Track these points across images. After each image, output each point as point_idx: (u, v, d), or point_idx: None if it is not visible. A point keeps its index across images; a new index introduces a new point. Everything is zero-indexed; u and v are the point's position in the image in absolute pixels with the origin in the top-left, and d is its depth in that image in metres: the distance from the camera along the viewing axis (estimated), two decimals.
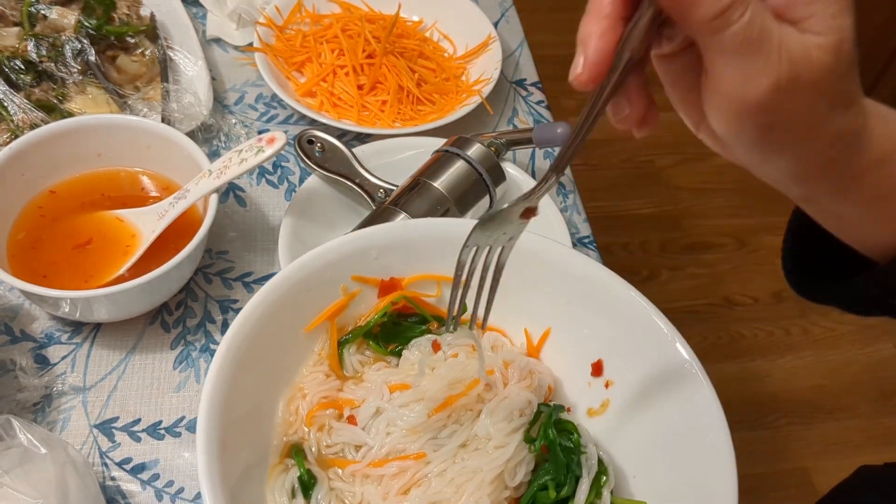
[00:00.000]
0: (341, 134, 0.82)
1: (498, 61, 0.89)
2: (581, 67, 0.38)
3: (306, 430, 0.56)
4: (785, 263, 0.55)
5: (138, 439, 0.62)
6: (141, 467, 0.61)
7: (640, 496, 0.55)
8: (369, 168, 0.74)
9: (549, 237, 0.72)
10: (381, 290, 0.61)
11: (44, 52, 0.76)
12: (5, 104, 0.73)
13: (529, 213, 0.46)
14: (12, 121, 0.73)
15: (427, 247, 0.61)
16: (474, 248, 0.47)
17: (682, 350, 0.55)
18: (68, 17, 0.80)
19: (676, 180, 2.11)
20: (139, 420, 0.63)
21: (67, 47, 0.77)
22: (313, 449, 0.56)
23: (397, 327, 0.62)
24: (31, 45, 0.76)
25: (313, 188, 0.74)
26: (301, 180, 0.81)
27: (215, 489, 0.46)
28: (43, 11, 0.79)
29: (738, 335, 1.79)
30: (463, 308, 0.52)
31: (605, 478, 0.55)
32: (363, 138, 0.83)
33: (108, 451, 0.61)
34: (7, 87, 0.74)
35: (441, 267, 0.61)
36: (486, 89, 0.86)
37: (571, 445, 0.56)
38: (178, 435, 0.63)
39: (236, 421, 0.50)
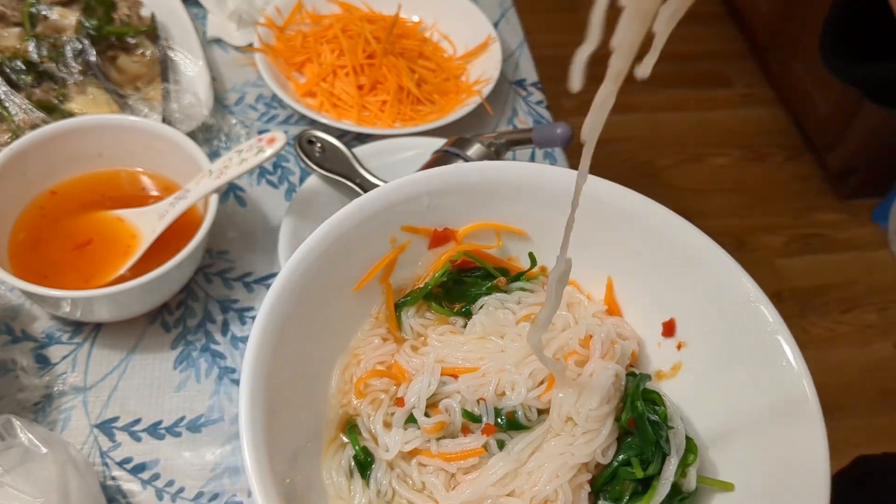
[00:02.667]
0: (341, 134, 0.83)
1: (498, 61, 0.89)
2: None
3: (357, 402, 0.53)
4: (826, 36, 0.52)
5: (139, 439, 0.62)
6: (141, 467, 0.61)
7: (717, 471, 0.51)
8: (369, 168, 0.74)
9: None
10: (433, 240, 0.57)
11: (44, 53, 0.76)
12: (6, 105, 0.73)
13: None
14: (13, 121, 0.73)
15: (484, 193, 0.55)
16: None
17: (768, 313, 0.50)
18: (69, 18, 0.80)
19: (676, 180, 2.11)
20: (140, 420, 0.63)
21: (68, 48, 0.77)
22: (367, 426, 0.52)
23: (460, 285, 0.57)
24: (31, 46, 0.76)
25: (313, 188, 0.74)
26: (301, 180, 0.81)
27: (261, 465, 0.41)
28: (44, 12, 0.79)
29: None
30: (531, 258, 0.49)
31: (692, 456, 0.50)
32: (363, 138, 0.83)
33: (108, 451, 0.61)
34: (8, 88, 0.74)
35: (500, 214, 0.56)
36: (486, 89, 0.86)
37: (658, 419, 0.51)
38: (179, 435, 0.63)
39: (284, 387, 0.46)
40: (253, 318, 0.70)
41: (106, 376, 0.65)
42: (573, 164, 0.87)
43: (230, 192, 0.79)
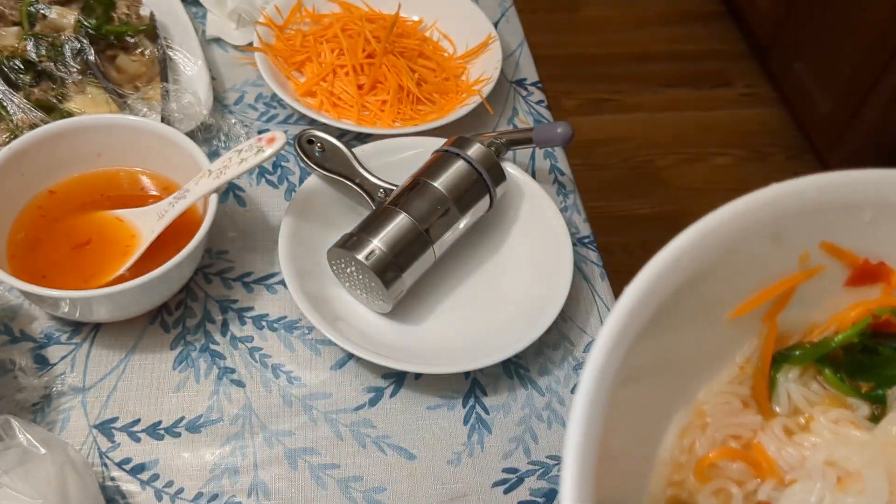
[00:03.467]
0: (341, 134, 0.82)
1: (498, 61, 0.89)
2: None
3: (695, 485, 0.38)
4: None
5: (138, 439, 0.62)
6: (140, 467, 0.61)
7: None
8: (369, 168, 0.74)
9: (549, 237, 0.72)
10: (854, 274, 0.40)
11: (43, 52, 0.76)
12: (4, 104, 0.73)
13: None
14: (11, 121, 0.73)
15: None
16: None
17: None
18: (68, 17, 0.80)
19: (676, 180, 2.11)
20: (139, 420, 0.63)
21: (67, 47, 0.77)
22: None
23: (871, 355, 0.40)
24: (30, 45, 0.76)
25: (313, 188, 0.74)
26: (301, 180, 0.81)
27: None
28: (42, 11, 0.79)
29: None
30: None
31: None
32: (363, 138, 0.83)
33: (107, 452, 0.61)
34: (6, 87, 0.73)
35: None
36: (486, 89, 0.86)
37: None
38: (178, 435, 0.63)
39: (617, 434, 0.33)
40: (253, 318, 0.70)
41: (105, 377, 0.65)
42: (573, 163, 0.86)
43: (230, 191, 0.79)
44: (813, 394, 0.40)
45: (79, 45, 0.77)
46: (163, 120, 0.77)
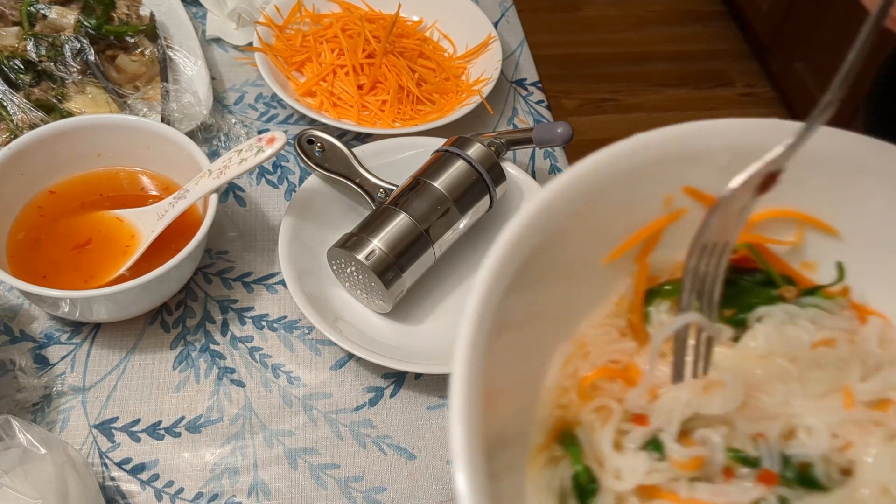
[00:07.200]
0: (341, 134, 0.82)
1: (498, 61, 0.89)
2: None
3: (579, 406, 0.41)
4: (870, 115, 0.49)
5: (138, 439, 0.62)
6: (140, 467, 0.61)
7: None
8: (369, 168, 0.74)
9: None
10: None
11: (43, 52, 0.76)
12: (4, 104, 0.73)
13: (771, 181, 0.34)
14: (11, 121, 0.73)
15: (804, 165, 0.39)
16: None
17: None
18: (68, 17, 0.80)
19: None
20: (139, 420, 0.63)
21: (67, 47, 0.77)
22: (591, 440, 0.40)
23: (731, 287, 0.44)
24: (30, 45, 0.76)
25: (313, 188, 0.74)
26: (301, 180, 0.81)
27: (475, 466, 0.30)
28: (42, 11, 0.79)
29: None
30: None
31: None
32: (363, 138, 0.83)
33: (107, 452, 0.61)
34: (6, 87, 0.73)
35: (811, 200, 0.43)
36: (486, 89, 0.86)
37: None
38: (178, 435, 0.63)
39: (500, 371, 0.36)
40: (253, 318, 0.70)
41: (105, 376, 0.65)
42: (573, 164, 0.86)
43: (230, 191, 0.79)
44: None
45: (79, 45, 0.77)
46: (163, 120, 0.77)
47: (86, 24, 0.79)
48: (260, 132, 0.82)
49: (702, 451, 0.38)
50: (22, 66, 0.75)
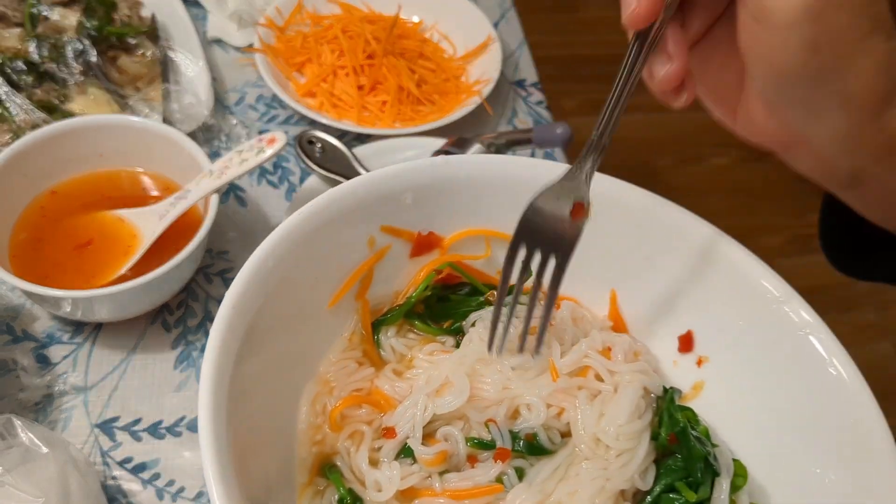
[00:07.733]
0: (341, 134, 0.83)
1: (498, 61, 0.89)
2: (636, 2, 0.38)
3: (333, 437, 0.46)
4: (826, 248, 0.52)
5: (139, 439, 0.62)
6: (142, 466, 0.61)
7: (769, 498, 0.45)
8: (369, 168, 0.74)
9: None
10: (415, 246, 0.50)
11: (45, 53, 0.77)
12: (7, 105, 0.73)
13: (579, 211, 0.39)
14: (14, 121, 0.73)
15: (476, 191, 0.48)
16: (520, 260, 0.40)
17: (804, 312, 0.45)
18: (70, 19, 0.80)
19: (676, 180, 2.11)
20: (140, 419, 0.63)
21: (69, 48, 0.77)
22: (350, 464, 0.44)
23: (444, 303, 0.51)
24: (32, 47, 0.76)
25: (313, 188, 0.74)
26: (301, 180, 0.81)
27: None
28: (45, 13, 0.79)
29: None
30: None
31: (741, 478, 0.45)
32: (363, 138, 0.83)
33: (109, 451, 0.62)
34: (9, 88, 0.74)
35: (490, 217, 0.49)
36: (486, 90, 0.86)
37: (700, 436, 0.45)
38: (179, 434, 0.63)
39: (251, 432, 0.39)
40: None
41: (106, 376, 0.65)
42: (573, 163, 0.87)
43: (230, 192, 0.79)
44: (410, 341, 0.50)
45: (81, 47, 0.78)
46: (164, 121, 0.78)
47: (87, 25, 0.79)
48: (260, 133, 0.82)
49: (445, 446, 0.44)
50: (24, 68, 0.76)
